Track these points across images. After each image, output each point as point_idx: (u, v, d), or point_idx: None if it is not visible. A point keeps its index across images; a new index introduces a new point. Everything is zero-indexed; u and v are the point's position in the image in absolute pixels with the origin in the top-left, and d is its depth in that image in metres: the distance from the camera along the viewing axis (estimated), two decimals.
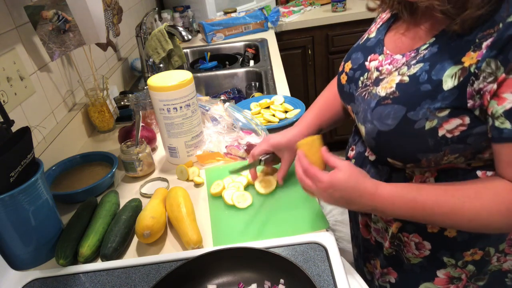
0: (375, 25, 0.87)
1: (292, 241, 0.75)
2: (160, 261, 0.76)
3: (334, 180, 0.70)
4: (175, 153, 1.09)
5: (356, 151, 0.88)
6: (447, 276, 0.79)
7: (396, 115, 0.68)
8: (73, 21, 1.19)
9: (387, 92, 0.71)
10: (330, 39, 2.49)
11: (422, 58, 0.69)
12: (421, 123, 0.66)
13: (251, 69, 1.81)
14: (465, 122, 0.64)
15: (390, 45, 0.78)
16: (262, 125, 1.17)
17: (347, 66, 0.86)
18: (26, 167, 0.76)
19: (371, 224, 0.88)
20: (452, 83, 0.63)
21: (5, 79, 0.95)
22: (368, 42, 0.84)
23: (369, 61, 0.80)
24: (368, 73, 0.80)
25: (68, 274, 0.76)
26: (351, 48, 0.89)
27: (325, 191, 0.71)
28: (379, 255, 0.89)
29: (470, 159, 0.69)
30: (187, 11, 2.42)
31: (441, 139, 0.66)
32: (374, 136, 0.73)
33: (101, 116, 1.32)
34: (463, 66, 0.63)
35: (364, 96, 0.78)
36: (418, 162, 0.70)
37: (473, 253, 0.76)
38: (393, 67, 0.74)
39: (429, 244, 0.78)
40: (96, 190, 1.01)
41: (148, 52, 1.69)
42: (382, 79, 0.75)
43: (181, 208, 0.85)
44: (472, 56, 0.62)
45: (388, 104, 0.70)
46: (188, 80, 1.00)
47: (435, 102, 0.65)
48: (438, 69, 0.65)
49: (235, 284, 0.69)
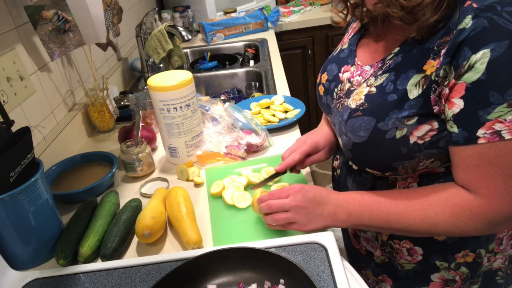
0: (347, 35, 0.88)
1: (292, 241, 0.75)
2: (160, 261, 0.76)
3: (303, 184, 0.75)
4: (175, 153, 1.09)
5: (341, 161, 0.90)
6: (442, 280, 0.79)
7: (367, 127, 0.70)
8: (73, 21, 1.19)
9: (357, 104, 0.73)
10: (330, 39, 2.49)
11: (388, 68, 0.70)
12: (392, 133, 0.67)
13: (251, 69, 1.81)
14: (434, 127, 0.65)
15: (361, 56, 0.80)
16: (262, 125, 1.17)
17: (323, 78, 0.87)
18: (26, 167, 0.76)
19: (360, 234, 0.88)
20: (417, 91, 0.65)
21: (5, 79, 0.95)
22: (342, 54, 0.85)
23: (343, 72, 0.82)
24: (341, 85, 0.81)
25: (68, 274, 0.76)
26: (326, 60, 0.90)
27: (299, 192, 0.73)
28: (370, 265, 0.89)
29: (446, 162, 0.70)
30: (187, 11, 2.42)
31: (414, 146, 0.67)
32: (350, 148, 0.75)
33: (101, 116, 1.32)
34: (425, 74, 0.64)
35: (338, 108, 0.80)
36: (395, 170, 0.72)
37: (464, 255, 0.76)
38: (362, 78, 0.76)
39: (420, 249, 0.78)
40: (96, 190, 1.01)
41: (148, 52, 1.69)
42: (353, 90, 0.76)
43: (181, 208, 0.85)
44: (433, 64, 0.63)
45: (359, 116, 0.71)
46: (188, 80, 1.00)
47: (402, 111, 0.66)
48: (402, 79, 0.67)
49: (235, 284, 0.69)
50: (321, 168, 2.71)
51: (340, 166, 0.90)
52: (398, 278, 0.84)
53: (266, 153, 1.12)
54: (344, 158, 0.88)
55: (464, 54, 0.59)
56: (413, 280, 0.82)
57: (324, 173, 2.67)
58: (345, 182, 0.87)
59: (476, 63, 0.57)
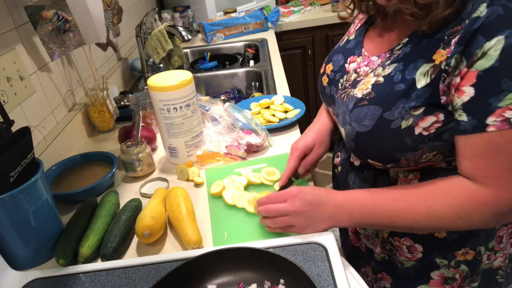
0: (354, 26, 0.88)
1: (292, 241, 0.75)
2: (160, 261, 0.76)
3: (301, 187, 0.75)
4: (175, 153, 1.09)
5: (341, 158, 0.89)
6: (441, 277, 0.79)
7: (373, 116, 0.69)
8: (73, 21, 1.19)
9: (363, 93, 0.72)
10: (330, 39, 2.49)
11: (396, 58, 0.70)
12: (397, 123, 0.67)
13: (251, 69, 1.81)
14: (440, 118, 0.65)
15: (368, 47, 0.79)
16: (262, 125, 1.17)
17: (328, 68, 0.87)
18: (26, 167, 0.76)
19: (361, 231, 0.88)
20: (425, 81, 0.64)
21: (5, 79, 0.95)
22: (348, 44, 0.85)
23: (349, 63, 0.81)
24: (347, 75, 0.81)
25: (68, 274, 0.76)
26: (331, 50, 0.90)
27: (297, 196, 0.73)
28: (369, 262, 0.89)
29: (448, 156, 0.69)
30: (187, 11, 2.42)
31: (418, 137, 0.67)
32: (353, 137, 0.74)
33: (101, 116, 1.32)
34: (434, 64, 0.64)
35: (343, 98, 0.79)
36: (397, 162, 0.71)
37: (464, 252, 0.76)
38: (369, 69, 0.75)
39: (420, 247, 0.78)
40: (96, 190, 1.01)
41: (148, 52, 1.69)
42: (359, 81, 0.76)
43: (181, 208, 0.85)
44: (442, 53, 0.63)
45: (365, 105, 0.71)
46: (188, 80, 1.00)
47: (410, 101, 0.66)
48: (411, 68, 0.66)
49: (235, 284, 0.69)
50: (321, 168, 2.71)
51: (341, 163, 0.89)
52: (397, 276, 0.84)
53: (266, 153, 1.12)
54: (345, 155, 0.88)
55: (477, 42, 0.58)
56: (413, 278, 0.82)
57: (324, 173, 2.67)
58: (346, 179, 0.87)
59: (489, 50, 0.57)
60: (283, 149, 1.12)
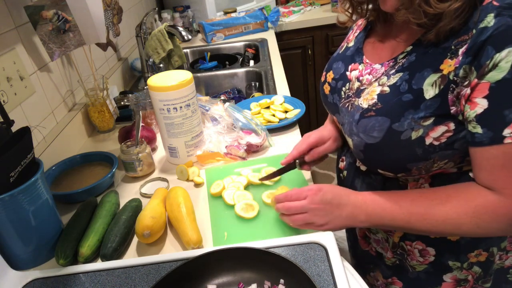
0: (352, 32, 0.87)
1: (292, 241, 0.75)
2: (160, 261, 0.76)
3: (322, 185, 0.74)
4: (175, 153, 1.09)
5: (347, 162, 0.88)
6: (454, 280, 0.78)
7: (381, 127, 0.69)
8: (73, 21, 1.19)
9: (369, 103, 0.71)
10: (330, 39, 2.49)
11: (401, 67, 0.69)
12: (407, 134, 0.66)
13: (251, 69, 1.81)
14: (451, 128, 0.64)
15: (369, 54, 0.78)
16: (262, 125, 1.17)
17: (329, 76, 0.86)
18: (26, 167, 0.76)
19: (370, 235, 0.87)
20: (434, 91, 0.64)
21: (5, 79, 0.95)
22: (348, 52, 0.84)
23: (350, 70, 0.81)
24: (350, 84, 0.80)
25: (68, 274, 0.76)
26: (331, 58, 0.89)
27: (317, 194, 0.72)
28: (380, 266, 0.88)
29: (459, 163, 0.69)
30: (187, 11, 2.42)
31: (429, 147, 0.66)
32: (362, 148, 0.73)
33: (101, 116, 1.33)
34: (442, 74, 0.63)
35: (348, 107, 0.78)
36: (408, 171, 0.71)
37: (477, 254, 0.75)
38: (373, 77, 0.74)
39: (433, 250, 0.77)
40: (96, 190, 1.01)
41: (148, 52, 1.69)
42: (363, 89, 0.75)
43: (181, 208, 0.85)
44: (450, 63, 0.62)
45: (372, 116, 0.70)
46: (188, 80, 1.00)
47: (419, 111, 0.65)
48: (418, 78, 0.66)
49: (235, 284, 0.69)
50: (321, 168, 2.71)
51: (346, 168, 0.88)
52: (409, 280, 0.83)
53: (266, 153, 1.12)
54: (350, 159, 0.86)
55: (487, 53, 0.58)
56: (425, 281, 0.81)
57: (324, 173, 2.67)
58: (352, 184, 0.85)
59: (500, 62, 0.57)
60: (283, 149, 1.12)
